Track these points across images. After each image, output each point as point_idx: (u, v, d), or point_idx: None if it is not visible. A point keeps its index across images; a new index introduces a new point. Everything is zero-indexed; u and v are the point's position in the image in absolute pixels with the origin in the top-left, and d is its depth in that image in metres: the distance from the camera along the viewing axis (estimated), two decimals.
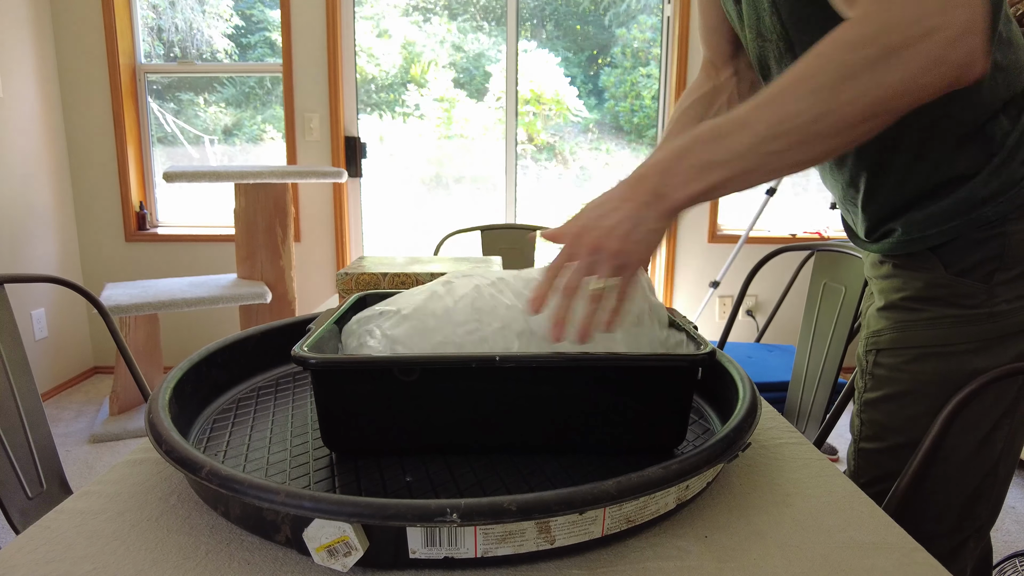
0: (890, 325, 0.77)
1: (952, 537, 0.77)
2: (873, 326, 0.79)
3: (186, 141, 3.15)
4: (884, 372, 0.78)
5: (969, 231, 0.69)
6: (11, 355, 1.03)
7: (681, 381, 0.63)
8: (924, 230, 0.71)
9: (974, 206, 0.68)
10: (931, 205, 0.70)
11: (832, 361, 1.22)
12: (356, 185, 3.11)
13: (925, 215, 0.71)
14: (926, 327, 0.73)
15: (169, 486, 0.60)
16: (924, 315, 0.73)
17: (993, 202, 0.67)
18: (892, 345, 0.76)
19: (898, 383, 0.76)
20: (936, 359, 0.73)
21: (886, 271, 0.78)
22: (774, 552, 0.51)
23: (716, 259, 3.05)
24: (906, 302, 0.75)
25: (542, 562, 0.50)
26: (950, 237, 0.70)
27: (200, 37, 3.08)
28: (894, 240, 0.75)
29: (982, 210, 0.68)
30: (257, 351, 0.85)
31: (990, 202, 0.67)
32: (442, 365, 0.61)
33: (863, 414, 0.81)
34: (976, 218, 0.68)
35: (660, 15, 3.04)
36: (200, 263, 3.04)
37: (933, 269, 0.72)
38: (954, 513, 0.77)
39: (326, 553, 0.47)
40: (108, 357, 3.11)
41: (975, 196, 0.68)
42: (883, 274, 0.79)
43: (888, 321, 0.77)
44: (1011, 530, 1.88)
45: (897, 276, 0.76)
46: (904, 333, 0.75)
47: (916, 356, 0.74)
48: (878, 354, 0.78)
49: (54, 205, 2.86)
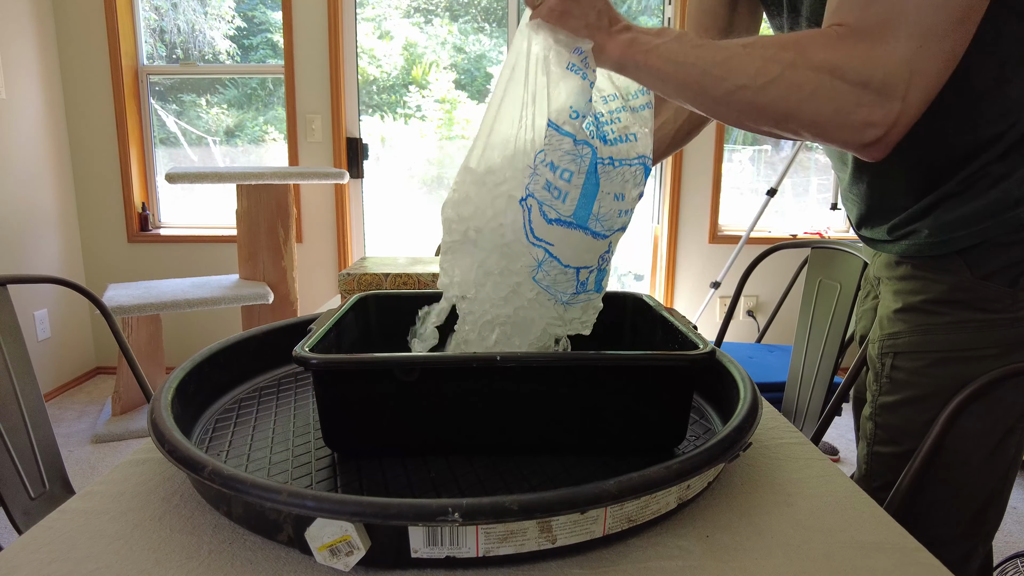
0: (909, 328, 0.75)
1: (963, 543, 0.76)
2: (889, 328, 0.78)
3: (188, 142, 3.16)
4: (903, 376, 0.76)
5: (998, 234, 0.67)
6: (14, 355, 1.04)
7: (681, 380, 0.63)
8: (953, 232, 0.69)
9: (1007, 207, 0.66)
10: (961, 206, 0.69)
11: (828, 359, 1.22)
12: (358, 186, 3.12)
13: (955, 216, 0.69)
14: (948, 331, 0.72)
15: (172, 486, 0.60)
16: (946, 319, 0.72)
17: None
18: (911, 348, 0.75)
19: (917, 387, 0.75)
20: (957, 363, 0.72)
21: (904, 272, 0.76)
22: (775, 552, 0.51)
23: (717, 260, 3.05)
24: (927, 305, 0.73)
25: (543, 561, 0.50)
26: (979, 240, 0.68)
27: (202, 39, 3.09)
28: (920, 241, 0.73)
29: (1016, 211, 0.66)
30: (259, 351, 0.86)
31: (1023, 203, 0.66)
32: (442, 365, 0.61)
33: (878, 417, 0.79)
34: (1008, 220, 0.67)
35: (661, 16, 3.04)
36: (202, 264, 3.05)
37: (958, 272, 0.70)
38: (967, 518, 0.76)
39: (328, 552, 0.47)
40: (110, 357, 3.12)
41: (1009, 197, 0.66)
42: (900, 275, 0.77)
43: (906, 324, 0.75)
44: (1012, 531, 1.88)
45: (917, 278, 0.74)
46: (925, 337, 0.74)
47: (937, 360, 0.73)
48: (896, 357, 0.77)
49: (57, 206, 2.87)
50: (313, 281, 3.10)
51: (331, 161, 2.98)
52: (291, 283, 2.64)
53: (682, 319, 0.73)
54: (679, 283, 3.10)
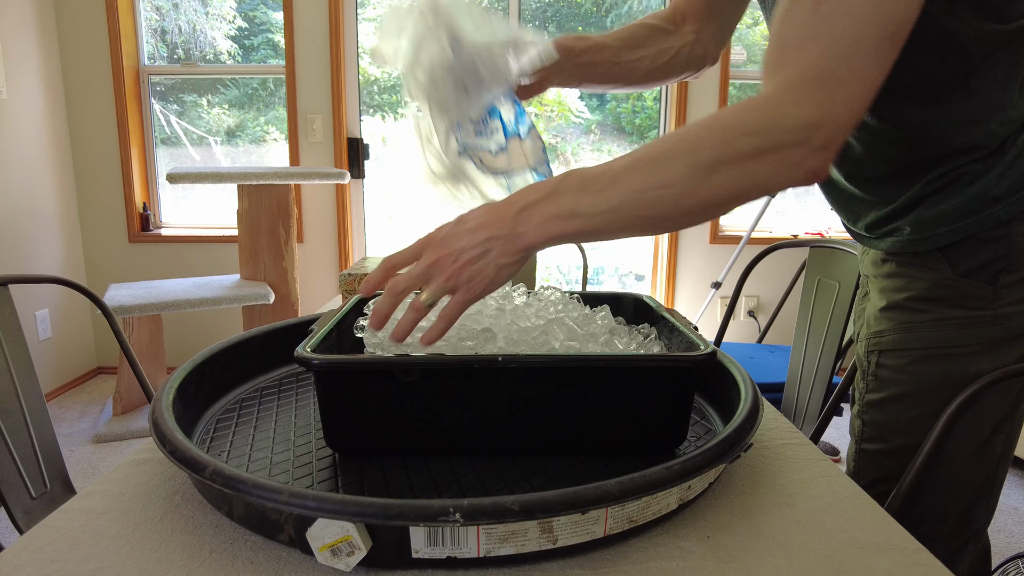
0: (893, 326, 0.76)
1: (953, 540, 0.77)
2: (875, 327, 0.79)
3: (189, 142, 3.16)
4: (887, 373, 0.77)
5: (978, 231, 0.69)
6: (15, 355, 1.04)
7: (682, 381, 0.63)
8: (934, 228, 0.71)
9: (986, 204, 0.68)
10: (942, 203, 0.70)
11: (827, 358, 1.21)
12: (359, 186, 3.12)
13: (936, 213, 0.70)
14: (930, 328, 0.73)
15: (173, 486, 0.61)
16: (929, 316, 0.73)
17: (1005, 201, 0.67)
18: (895, 346, 0.76)
19: (901, 384, 0.76)
20: (940, 360, 0.73)
21: (889, 270, 0.78)
22: (776, 552, 0.51)
23: (718, 260, 3.05)
24: (910, 302, 0.74)
25: (544, 562, 0.50)
26: (959, 236, 0.69)
27: (203, 39, 3.09)
28: (903, 238, 0.74)
29: (994, 208, 0.67)
30: (260, 352, 0.86)
31: (1002, 201, 0.67)
32: (444, 366, 0.61)
33: (864, 415, 0.81)
34: (987, 217, 0.68)
35: None
36: (203, 264, 3.05)
37: (939, 269, 0.72)
38: (955, 516, 0.76)
39: (329, 553, 0.47)
40: (112, 357, 3.12)
41: (987, 194, 0.67)
42: (885, 273, 0.78)
43: (891, 322, 0.77)
44: (1013, 531, 1.87)
45: (901, 276, 0.76)
46: (908, 334, 0.75)
47: (920, 357, 0.74)
48: (880, 355, 0.78)
49: (58, 206, 2.87)
50: (314, 281, 3.10)
51: (332, 161, 2.98)
52: (292, 283, 2.64)
53: (683, 320, 0.74)
54: (680, 283, 3.10)
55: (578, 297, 0.82)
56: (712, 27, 0.90)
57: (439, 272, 0.57)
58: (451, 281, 0.57)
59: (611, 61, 0.85)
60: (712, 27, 0.90)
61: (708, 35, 0.90)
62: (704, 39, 0.90)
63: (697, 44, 0.89)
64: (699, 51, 0.89)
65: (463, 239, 0.57)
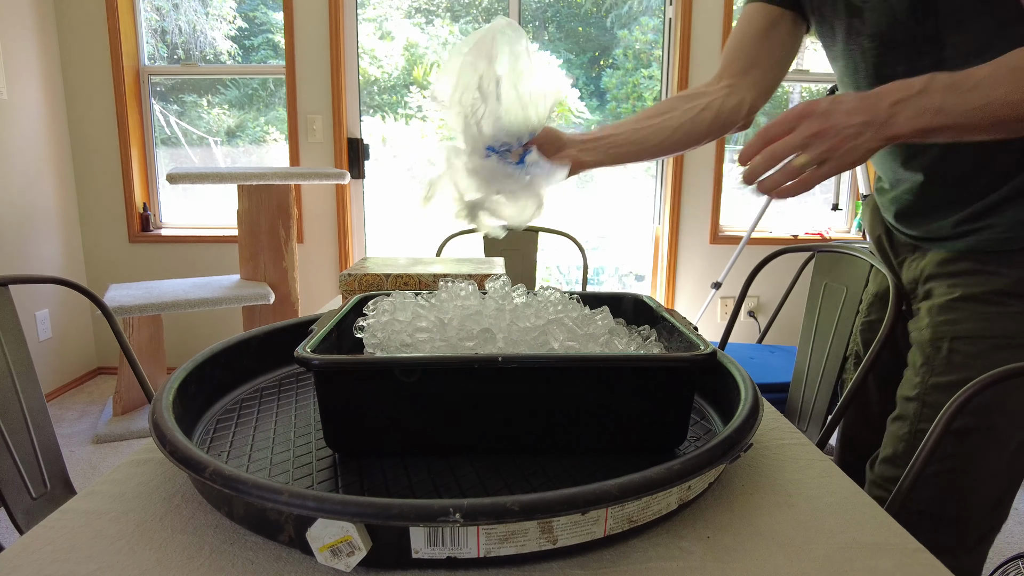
0: (969, 315, 0.79)
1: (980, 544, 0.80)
2: (942, 316, 0.82)
3: (189, 143, 3.16)
4: (960, 359, 0.80)
5: None
6: (15, 356, 1.04)
7: (682, 381, 0.63)
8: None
9: None
10: None
11: (833, 362, 1.21)
12: (359, 186, 3.12)
13: None
14: (1009, 320, 0.76)
15: (173, 486, 0.61)
16: (1011, 309, 0.76)
17: None
18: (971, 334, 0.79)
19: (973, 369, 0.78)
20: (1014, 352, 0.76)
21: (965, 267, 0.80)
22: (776, 552, 0.51)
23: (718, 260, 3.04)
24: (990, 296, 0.78)
25: (544, 562, 0.50)
26: None
27: (203, 39, 3.09)
28: (992, 236, 0.77)
29: None
30: (260, 352, 0.86)
31: None
32: (444, 366, 0.61)
33: (927, 396, 0.83)
34: None
35: (662, 17, 3.04)
36: (203, 264, 3.05)
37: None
38: (985, 518, 0.80)
39: (329, 553, 0.47)
40: (112, 358, 3.12)
41: None
42: (960, 270, 0.81)
43: (967, 311, 0.79)
44: (1013, 531, 1.87)
45: (978, 272, 0.79)
46: (988, 323, 0.78)
47: (995, 346, 0.77)
48: (953, 341, 0.80)
49: (58, 206, 2.87)
50: (314, 281, 3.10)
51: (332, 161, 2.98)
52: (292, 283, 2.64)
53: (683, 320, 0.74)
54: (680, 284, 3.10)
55: (578, 297, 0.82)
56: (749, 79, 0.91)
57: (819, 142, 0.61)
58: (828, 153, 0.62)
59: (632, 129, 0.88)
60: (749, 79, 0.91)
61: (745, 85, 0.91)
62: (740, 89, 0.91)
63: (731, 95, 0.91)
64: (733, 101, 0.91)
65: (842, 118, 0.61)
